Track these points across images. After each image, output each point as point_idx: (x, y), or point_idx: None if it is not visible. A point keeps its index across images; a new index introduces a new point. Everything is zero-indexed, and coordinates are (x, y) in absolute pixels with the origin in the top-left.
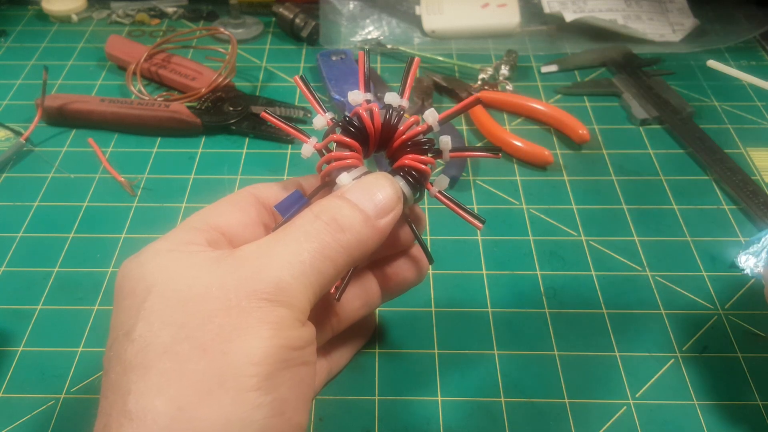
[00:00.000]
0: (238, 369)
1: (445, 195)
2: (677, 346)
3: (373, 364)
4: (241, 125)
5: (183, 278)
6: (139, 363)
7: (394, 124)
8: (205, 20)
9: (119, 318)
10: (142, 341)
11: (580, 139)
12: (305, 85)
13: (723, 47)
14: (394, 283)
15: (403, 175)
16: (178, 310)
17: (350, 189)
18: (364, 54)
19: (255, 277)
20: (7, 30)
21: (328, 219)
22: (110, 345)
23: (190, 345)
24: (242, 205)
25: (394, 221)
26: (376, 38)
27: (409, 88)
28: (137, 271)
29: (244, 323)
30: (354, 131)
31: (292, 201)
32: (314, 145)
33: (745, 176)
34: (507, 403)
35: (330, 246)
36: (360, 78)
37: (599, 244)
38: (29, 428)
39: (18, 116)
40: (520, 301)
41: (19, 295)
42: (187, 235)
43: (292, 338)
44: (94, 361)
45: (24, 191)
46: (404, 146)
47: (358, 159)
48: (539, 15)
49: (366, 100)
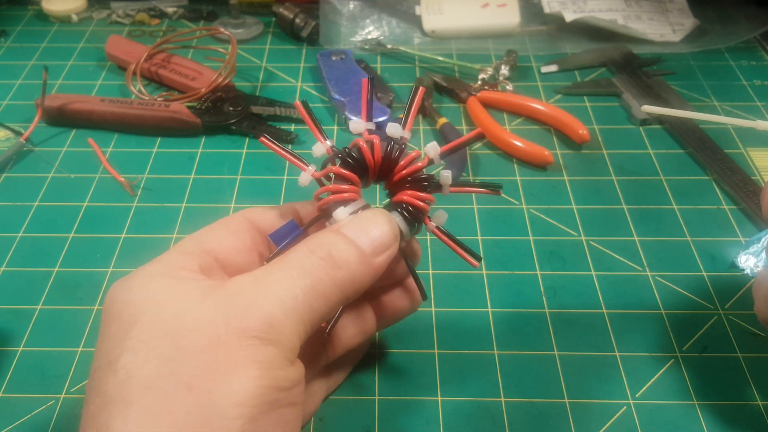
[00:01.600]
0: (223, 410)
1: (443, 231)
2: (677, 346)
3: (373, 364)
4: (241, 125)
5: (172, 308)
6: (121, 397)
7: (395, 158)
8: (205, 20)
9: (104, 345)
10: (125, 373)
11: (580, 139)
12: (307, 110)
13: (723, 47)
14: (390, 312)
15: (401, 210)
16: (165, 342)
17: (347, 224)
18: (367, 81)
19: (245, 314)
20: (7, 30)
21: (323, 255)
22: (92, 373)
23: (175, 381)
24: (237, 230)
25: (390, 259)
26: (376, 38)
27: (412, 119)
28: (126, 296)
29: (231, 361)
30: (353, 163)
31: (287, 231)
32: (312, 173)
33: (745, 176)
34: (507, 403)
35: (324, 283)
36: (363, 106)
37: (599, 244)
38: (29, 428)
39: (18, 116)
40: (520, 301)
41: (19, 295)
42: (179, 259)
43: (279, 378)
44: None
45: (24, 191)
46: (404, 181)
47: (356, 192)
48: (539, 15)
49: (367, 130)
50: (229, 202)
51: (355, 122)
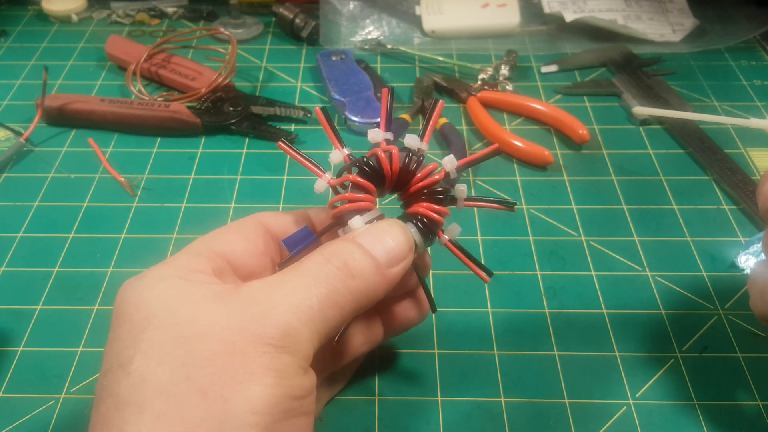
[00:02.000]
0: (238, 418)
1: (456, 244)
2: (677, 346)
3: (373, 364)
4: (241, 125)
5: (185, 312)
6: (134, 400)
7: (413, 170)
8: (205, 20)
9: (115, 345)
10: (138, 376)
11: (580, 139)
12: (326, 117)
13: (723, 47)
14: (398, 323)
15: (416, 222)
16: (178, 346)
17: (362, 234)
18: (387, 91)
19: (261, 321)
20: (7, 30)
21: (339, 264)
22: (104, 373)
23: (189, 387)
24: (249, 234)
25: (405, 270)
26: (376, 38)
27: (430, 131)
28: (137, 297)
29: (247, 369)
30: (370, 172)
31: (300, 237)
32: (328, 180)
33: (745, 176)
34: (507, 403)
35: (339, 292)
36: (382, 116)
37: (599, 244)
38: (29, 428)
39: (18, 116)
40: (520, 301)
41: (19, 295)
42: (191, 261)
43: (294, 387)
44: (94, 361)
45: (24, 191)
46: (419, 193)
47: (372, 201)
48: (539, 15)
49: (386, 140)
50: (229, 202)
51: (373, 132)
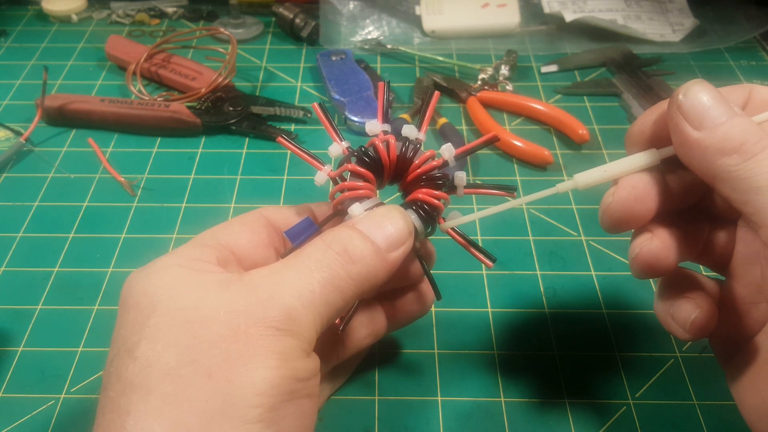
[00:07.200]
0: (243, 399)
1: (457, 231)
2: (677, 346)
3: (373, 364)
4: (241, 125)
5: (190, 297)
6: (141, 383)
7: (410, 158)
8: (205, 20)
9: (122, 332)
10: (145, 360)
11: (580, 139)
12: (323, 112)
13: (723, 47)
14: (401, 315)
15: (416, 209)
16: (183, 331)
17: (362, 220)
18: (384, 85)
19: (265, 304)
20: (7, 30)
21: (339, 249)
22: (111, 360)
23: (195, 369)
24: (253, 226)
25: (404, 255)
26: (376, 38)
27: (427, 122)
28: (143, 285)
29: (251, 351)
30: (369, 162)
31: (302, 228)
32: (328, 173)
33: None
34: (507, 403)
35: (340, 276)
36: (379, 109)
37: (599, 244)
38: (29, 428)
39: (18, 116)
40: (520, 301)
41: (19, 295)
42: (196, 251)
43: (297, 369)
44: (94, 361)
45: (24, 191)
46: (418, 180)
47: (371, 190)
48: (539, 15)
49: (383, 131)
50: (229, 202)
51: (371, 124)
